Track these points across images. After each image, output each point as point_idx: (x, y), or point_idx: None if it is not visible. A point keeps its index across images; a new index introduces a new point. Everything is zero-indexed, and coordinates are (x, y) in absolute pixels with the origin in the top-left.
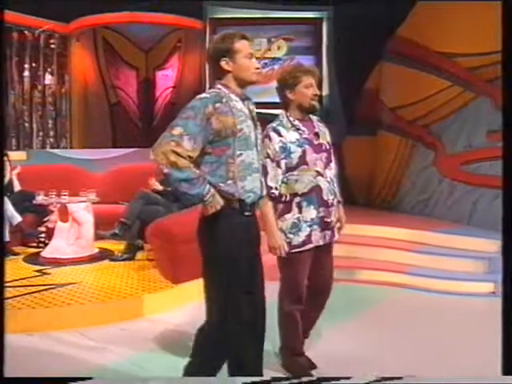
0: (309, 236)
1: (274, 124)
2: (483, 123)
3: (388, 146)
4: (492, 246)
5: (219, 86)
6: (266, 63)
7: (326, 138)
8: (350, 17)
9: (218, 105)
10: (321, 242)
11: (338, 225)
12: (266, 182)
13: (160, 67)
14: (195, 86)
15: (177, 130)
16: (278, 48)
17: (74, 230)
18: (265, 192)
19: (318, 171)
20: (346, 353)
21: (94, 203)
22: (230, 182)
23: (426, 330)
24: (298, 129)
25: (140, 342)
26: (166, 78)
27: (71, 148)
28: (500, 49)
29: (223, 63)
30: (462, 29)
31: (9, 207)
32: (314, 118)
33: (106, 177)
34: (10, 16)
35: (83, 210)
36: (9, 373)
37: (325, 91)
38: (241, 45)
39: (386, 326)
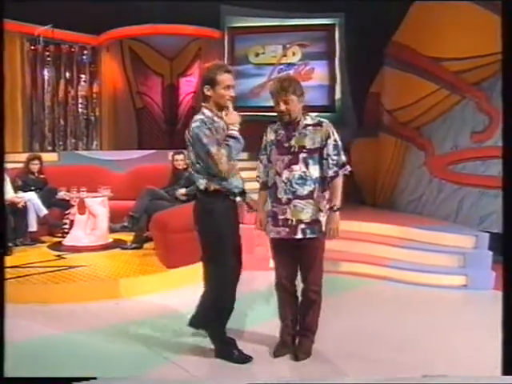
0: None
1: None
2: (468, 125)
3: (386, 148)
4: (468, 241)
5: (204, 110)
6: (281, 69)
7: (301, 142)
8: (360, 22)
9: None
10: (272, 235)
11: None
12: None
13: (183, 74)
14: None
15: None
16: (293, 54)
17: (91, 221)
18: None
19: (276, 170)
20: None
21: (113, 199)
22: None
23: (389, 317)
24: (276, 131)
25: (129, 315)
26: (189, 84)
27: (101, 149)
28: (483, 53)
29: (205, 90)
30: (450, 34)
31: (37, 201)
32: (304, 122)
33: (125, 176)
34: (47, 31)
35: (99, 204)
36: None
37: (337, 95)
38: (223, 77)
39: (346, 314)
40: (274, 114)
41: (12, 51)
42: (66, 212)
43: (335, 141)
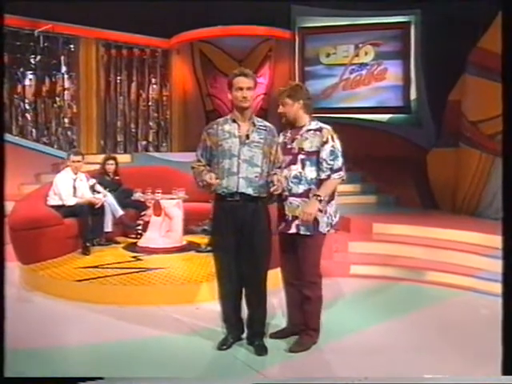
0: None
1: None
2: None
3: (468, 160)
4: None
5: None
6: (353, 69)
7: (302, 144)
8: (438, 21)
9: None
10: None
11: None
12: None
13: None
14: None
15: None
16: (366, 53)
17: (166, 223)
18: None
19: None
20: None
21: (185, 201)
22: None
23: (473, 331)
24: (284, 135)
25: (211, 319)
26: (259, 86)
27: (171, 151)
28: None
29: (228, 93)
30: None
31: (113, 202)
32: (308, 127)
33: None
34: (120, 36)
35: (174, 206)
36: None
37: (413, 95)
38: (235, 81)
39: (428, 327)
40: (347, 115)
41: (88, 56)
42: (141, 213)
43: (333, 147)
